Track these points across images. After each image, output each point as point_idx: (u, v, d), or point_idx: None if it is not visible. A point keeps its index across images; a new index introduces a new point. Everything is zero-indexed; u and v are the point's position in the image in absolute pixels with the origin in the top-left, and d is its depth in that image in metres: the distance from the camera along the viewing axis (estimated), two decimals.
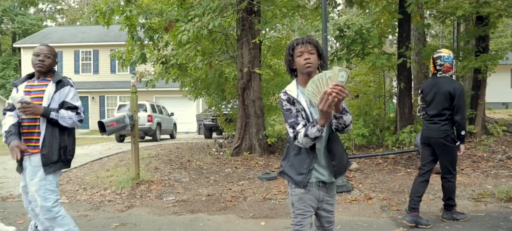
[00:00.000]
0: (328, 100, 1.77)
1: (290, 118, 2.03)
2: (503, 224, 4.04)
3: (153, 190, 5.76)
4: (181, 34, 6.56)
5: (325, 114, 1.84)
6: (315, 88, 1.81)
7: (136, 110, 5.98)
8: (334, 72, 1.78)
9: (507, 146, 8.24)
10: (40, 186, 2.84)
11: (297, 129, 1.99)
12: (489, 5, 6.77)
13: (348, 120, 1.97)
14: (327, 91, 1.76)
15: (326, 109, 1.79)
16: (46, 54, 2.94)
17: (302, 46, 2.04)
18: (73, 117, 2.93)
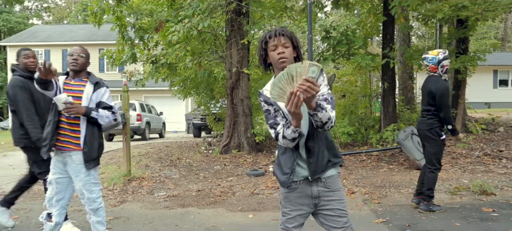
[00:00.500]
0: (294, 101, 1.65)
1: (270, 118, 1.97)
2: (475, 215, 4.32)
3: (144, 186, 5.94)
4: (171, 35, 6.73)
5: (295, 115, 1.73)
6: (279, 90, 1.69)
7: (128, 109, 6.14)
8: (305, 66, 1.65)
9: (485, 143, 8.60)
10: (85, 182, 3.05)
11: (277, 130, 1.92)
12: (467, 9, 7.10)
13: (324, 117, 1.81)
14: (293, 91, 1.64)
15: (294, 110, 1.67)
16: (79, 53, 3.09)
17: (275, 39, 1.92)
18: (109, 116, 3.12)
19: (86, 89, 3.07)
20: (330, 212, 2.02)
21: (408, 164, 7.24)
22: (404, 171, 6.88)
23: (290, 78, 1.66)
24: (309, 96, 1.66)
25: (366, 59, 8.50)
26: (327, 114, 1.81)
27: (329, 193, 2.02)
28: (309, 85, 1.63)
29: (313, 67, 1.65)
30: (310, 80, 1.63)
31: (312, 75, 1.64)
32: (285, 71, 1.68)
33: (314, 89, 1.64)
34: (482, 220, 4.13)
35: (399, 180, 6.11)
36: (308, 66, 1.65)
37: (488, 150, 7.98)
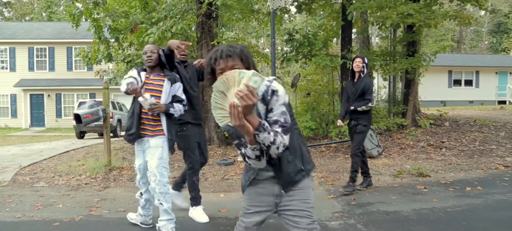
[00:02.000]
0: (234, 112, 1.52)
1: (233, 139, 1.80)
2: (409, 191, 5.21)
3: (125, 175, 6.49)
4: (147, 37, 7.29)
5: (243, 129, 1.57)
6: (220, 111, 1.58)
7: (108, 105, 6.67)
8: (247, 75, 1.54)
9: (431, 136, 9.67)
10: (159, 163, 3.43)
11: (243, 151, 1.77)
12: (412, 17, 8.07)
13: (266, 140, 1.63)
14: (231, 103, 1.51)
15: (238, 123, 1.53)
16: (151, 50, 3.50)
17: (222, 62, 1.73)
18: (181, 109, 3.60)
19: (164, 86, 3.48)
20: (292, 212, 1.88)
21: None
22: None
23: (226, 90, 1.55)
24: (247, 105, 1.51)
25: (326, 60, 9.36)
26: (269, 137, 1.62)
27: (292, 192, 1.89)
28: (246, 92, 1.50)
29: (256, 77, 1.53)
30: (249, 87, 1.50)
31: (253, 86, 1.52)
32: (215, 87, 1.56)
33: (251, 99, 1.50)
34: (414, 195, 5.02)
35: None
36: (251, 75, 1.53)
37: (432, 141, 9.03)
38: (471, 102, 25.54)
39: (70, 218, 4.22)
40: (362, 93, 5.04)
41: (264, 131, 1.62)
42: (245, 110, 1.53)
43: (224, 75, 1.57)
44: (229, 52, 1.74)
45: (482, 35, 46.89)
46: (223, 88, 1.56)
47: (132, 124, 3.46)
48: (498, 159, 7.42)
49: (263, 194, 1.94)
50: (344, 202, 4.71)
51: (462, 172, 6.50)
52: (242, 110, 1.52)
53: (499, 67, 27.36)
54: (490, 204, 4.51)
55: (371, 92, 5.05)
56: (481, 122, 11.61)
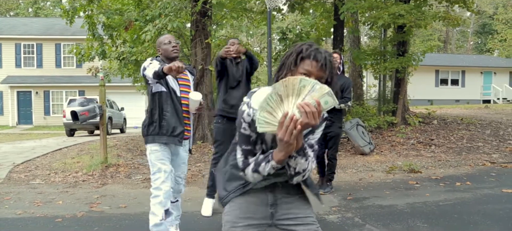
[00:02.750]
0: (289, 126, 1.29)
1: (245, 143, 1.52)
2: (402, 186, 5.39)
3: (121, 172, 6.54)
4: (144, 34, 7.33)
5: (286, 147, 1.34)
6: (267, 115, 1.34)
7: (105, 102, 6.69)
8: (319, 88, 1.31)
9: (420, 133, 9.90)
10: (186, 166, 3.35)
11: (250, 160, 1.51)
12: (403, 17, 8.27)
13: (301, 167, 1.46)
14: (290, 116, 1.29)
15: (288, 139, 1.30)
16: (176, 40, 3.21)
17: (314, 65, 1.46)
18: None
19: (190, 79, 3.25)
20: (293, 221, 1.64)
21: (353, 151, 8.30)
22: (350, 156, 7.93)
23: (284, 96, 1.33)
24: (308, 124, 1.30)
25: None
26: (304, 165, 1.46)
27: (289, 199, 1.67)
28: (314, 110, 1.28)
29: (329, 97, 1.30)
30: (320, 105, 1.29)
31: (323, 106, 1.31)
32: (275, 88, 1.33)
33: (315, 119, 1.29)
34: (406, 189, 5.19)
35: (345, 163, 7.12)
36: (326, 93, 1.31)
37: (422, 138, 9.25)
38: (457, 101, 26.04)
39: (72, 214, 4.27)
40: (341, 91, 4.83)
41: (304, 156, 1.45)
42: (303, 128, 1.31)
43: (291, 79, 1.32)
44: (329, 64, 1.46)
45: (468, 35, 47.77)
46: (282, 93, 1.33)
47: (176, 123, 3.05)
48: (485, 155, 7.66)
49: (256, 204, 1.63)
50: (340, 197, 4.85)
51: (451, 168, 6.71)
52: (300, 128, 1.30)
53: (484, 67, 27.95)
54: (479, 197, 4.70)
55: (350, 91, 4.91)
56: (468, 120, 11.91)
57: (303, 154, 1.44)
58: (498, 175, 6.00)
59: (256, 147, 1.52)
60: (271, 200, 1.64)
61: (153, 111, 3.06)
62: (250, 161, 1.51)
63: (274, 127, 1.33)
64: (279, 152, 1.38)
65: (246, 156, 1.52)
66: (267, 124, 1.34)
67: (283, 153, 1.37)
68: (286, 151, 1.35)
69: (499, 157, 7.55)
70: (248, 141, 1.51)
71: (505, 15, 40.61)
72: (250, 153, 1.52)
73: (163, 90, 3.03)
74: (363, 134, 8.13)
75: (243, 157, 1.53)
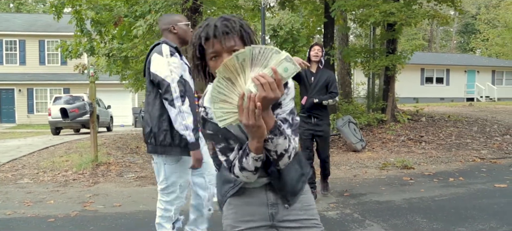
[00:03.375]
0: (249, 107, 1.12)
1: (218, 141, 1.36)
2: (397, 182, 5.42)
3: (113, 170, 6.42)
4: (136, 29, 7.20)
5: (255, 131, 1.17)
6: (223, 106, 1.16)
7: (95, 99, 6.56)
8: (277, 58, 1.12)
9: (410, 130, 10.00)
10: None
11: (230, 157, 1.36)
12: (394, 15, 8.32)
13: (281, 147, 1.26)
14: (248, 95, 1.11)
15: (252, 122, 1.13)
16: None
17: (216, 43, 1.26)
18: None
19: None
20: (295, 223, 1.49)
21: (345, 148, 8.33)
22: (342, 153, 7.96)
23: (233, 77, 1.14)
24: (269, 98, 1.11)
25: None
26: (284, 143, 1.26)
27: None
28: (271, 80, 1.10)
29: (288, 63, 1.12)
30: (277, 73, 1.11)
31: (282, 75, 1.12)
32: (220, 73, 1.14)
33: (275, 90, 1.11)
34: (401, 185, 5.22)
35: (339, 160, 7.14)
36: (283, 59, 1.12)
37: (412, 135, 9.35)
38: (442, 99, 26.45)
39: (65, 214, 4.16)
40: (326, 86, 4.40)
41: (281, 135, 1.23)
42: (265, 104, 1.12)
43: (227, 60, 1.13)
44: (226, 28, 1.25)
45: (452, 35, 48.58)
46: (230, 74, 1.14)
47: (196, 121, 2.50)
48: (474, 152, 7.78)
49: (254, 204, 1.47)
50: (337, 193, 4.85)
51: (442, 164, 6.79)
52: (260, 105, 1.11)
53: (467, 66, 28.46)
54: (473, 192, 4.75)
55: (336, 86, 4.50)
56: (455, 117, 12.09)
57: (279, 132, 1.23)
58: (488, 171, 6.09)
59: (230, 142, 1.35)
60: (271, 199, 1.46)
61: (162, 117, 2.48)
62: (231, 158, 1.35)
63: (235, 115, 1.16)
64: (251, 140, 1.22)
65: (225, 154, 1.36)
66: (227, 114, 1.16)
67: (256, 139, 1.20)
68: (257, 136, 1.18)
69: (488, 153, 7.67)
70: (218, 139, 1.36)
71: (487, 15, 41.40)
72: (227, 149, 1.36)
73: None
74: (355, 131, 8.17)
75: (223, 156, 1.37)
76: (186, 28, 2.63)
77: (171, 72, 2.39)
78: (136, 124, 20.56)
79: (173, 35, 2.60)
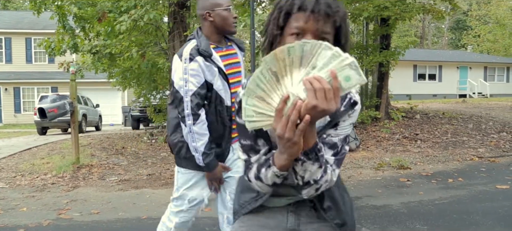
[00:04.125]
0: (293, 116, 0.89)
1: (244, 137, 1.14)
2: (393, 184, 5.15)
3: (95, 173, 6.08)
4: (119, 24, 6.86)
5: (290, 147, 0.94)
6: (259, 103, 0.94)
7: (76, 98, 6.21)
8: (338, 61, 0.88)
9: (404, 128, 9.77)
10: None
11: (252, 160, 1.13)
12: (389, 9, 8.07)
13: (312, 176, 1.03)
14: (294, 101, 0.89)
15: (289, 135, 0.90)
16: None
17: (309, 19, 1.01)
18: None
19: (239, 56, 2.24)
20: None
21: None
22: None
23: (280, 73, 0.91)
24: (322, 111, 0.88)
25: None
26: (317, 173, 1.03)
27: (316, 225, 1.23)
28: (328, 87, 0.87)
29: (352, 71, 0.88)
30: (336, 81, 0.87)
31: (342, 85, 0.89)
32: (266, 62, 0.91)
33: (330, 102, 0.87)
34: (399, 187, 4.96)
35: None
36: (347, 64, 0.88)
37: (407, 133, 9.12)
38: (434, 96, 26.38)
39: (37, 223, 3.83)
40: None
41: (316, 162, 1.00)
42: (313, 117, 0.89)
43: (282, 47, 0.90)
44: (329, 10, 1.01)
45: (443, 31, 48.69)
46: (277, 68, 0.91)
47: (220, 138, 2.14)
48: (471, 150, 7.56)
49: (271, 227, 1.24)
50: None
51: (439, 163, 6.55)
52: (308, 118, 0.88)
53: (460, 62, 28.42)
54: (475, 195, 4.50)
55: None
56: (449, 114, 11.90)
57: (315, 157, 0.99)
58: (488, 170, 5.86)
59: (258, 142, 1.13)
60: (292, 223, 1.23)
61: (178, 128, 2.13)
62: (252, 161, 1.13)
63: (269, 119, 0.93)
64: (280, 154, 0.99)
65: (247, 154, 1.14)
66: (259, 115, 0.94)
67: (286, 155, 0.97)
68: (289, 152, 0.95)
69: (486, 151, 7.46)
70: (246, 133, 1.12)
71: (479, 11, 41.50)
72: (251, 149, 1.13)
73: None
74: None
75: (244, 154, 1.15)
76: (226, 15, 2.08)
77: (186, 82, 1.99)
78: (125, 123, 20.16)
79: (209, 23, 2.09)
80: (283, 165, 1.00)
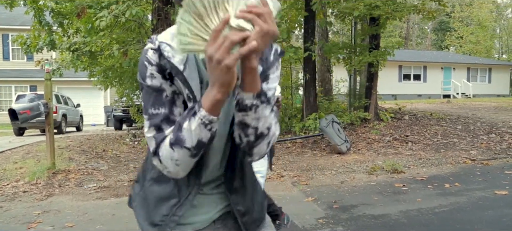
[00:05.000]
0: (233, 37, 0.74)
1: (157, 104, 0.91)
2: (389, 190, 4.92)
3: (72, 179, 5.68)
4: (99, 20, 6.46)
5: (224, 73, 0.76)
6: (193, 25, 0.77)
7: (51, 98, 5.80)
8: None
9: (394, 129, 9.61)
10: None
11: (166, 132, 0.89)
12: (380, 8, 7.86)
13: (265, 122, 0.89)
14: (226, 18, 0.74)
15: (222, 56, 0.74)
16: None
17: None
18: None
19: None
20: None
21: (329, 149, 7.83)
22: (326, 155, 7.45)
23: (205, 13, 0.77)
24: (266, 33, 0.74)
25: (289, 51, 8.96)
26: (270, 117, 0.91)
27: None
28: (267, 11, 0.75)
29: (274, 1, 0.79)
30: (264, 9, 0.75)
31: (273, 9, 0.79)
32: (189, 6, 0.76)
33: (270, 25, 0.75)
34: (395, 194, 4.72)
35: (323, 164, 6.62)
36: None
37: (397, 135, 8.94)
38: (419, 96, 26.52)
39: None
40: None
41: (268, 104, 0.88)
42: (263, 43, 0.75)
43: None
44: None
45: (427, 32, 49.24)
46: (201, 9, 0.76)
47: None
48: (463, 152, 7.41)
49: None
50: (325, 205, 4.30)
51: (433, 166, 6.36)
52: (254, 44, 0.73)
53: (444, 63, 28.66)
54: (475, 202, 4.30)
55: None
56: (437, 115, 11.82)
57: (266, 99, 0.87)
58: (483, 174, 5.69)
59: (174, 109, 0.91)
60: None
61: None
62: (166, 133, 0.89)
63: (203, 43, 0.78)
64: (210, 90, 0.81)
65: (159, 128, 0.90)
66: (195, 36, 0.78)
67: (216, 87, 0.79)
68: (222, 80, 0.77)
69: (477, 153, 7.32)
70: (160, 98, 0.91)
71: (461, 13, 42.07)
72: (166, 120, 0.90)
73: None
74: (339, 131, 7.67)
75: (154, 130, 0.90)
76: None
77: None
78: (108, 123, 19.58)
79: None
80: (214, 103, 0.81)
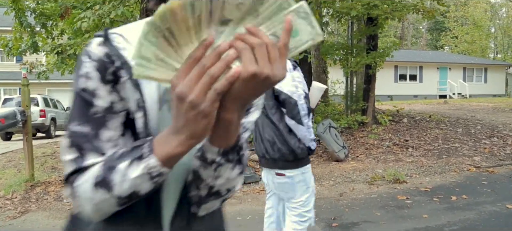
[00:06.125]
0: (211, 70, 0.53)
1: (83, 119, 0.67)
2: (392, 203, 4.58)
3: (51, 192, 5.29)
4: (80, 21, 6.08)
5: (194, 119, 0.55)
6: (157, 46, 0.54)
7: (29, 105, 5.40)
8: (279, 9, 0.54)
9: (393, 133, 9.29)
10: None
11: (88, 162, 0.65)
12: (378, 8, 7.53)
13: (232, 182, 0.73)
14: (208, 40, 0.53)
15: (199, 99, 0.53)
16: None
17: None
18: None
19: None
20: None
21: (326, 156, 7.48)
22: (323, 163, 7.10)
23: (178, 31, 0.54)
24: (263, 77, 0.53)
25: None
26: (238, 179, 0.74)
27: None
28: (271, 43, 0.54)
29: (303, 22, 0.56)
30: (289, 30, 0.54)
31: (294, 40, 0.57)
32: (153, 24, 0.52)
33: (276, 62, 0.54)
34: (398, 208, 4.38)
35: (320, 173, 6.27)
36: (292, 9, 0.54)
37: (396, 139, 8.62)
38: (415, 97, 26.32)
39: None
40: None
41: (238, 165, 0.70)
42: (252, 89, 0.55)
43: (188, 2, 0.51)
44: None
45: (422, 32, 49.18)
46: (173, 27, 0.52)
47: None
48: (466, 158, 7.10)
49: None
50: (323, 223, 3.95)
51: (436, 175, 6.04)
52: (236, 74, 0.53)
53: (440, 63, 28.49)
54: (487, 218, 3.97)
55: None
56: (436, 117, 11.54)
57: (237, 158, 0.68)
58: (490, 184, 5.37)
59: (102, 134, 0.67)
60: None
61: (292, 133, 2.29)
62: (88, 162, 0.65)
63: (169, 73, 0.55)
64: (172, 134, 0.59)
65: (80, 148, 0.66)
66: (160, 61, 0.55)
67: (184, 135, 0.57)
68: (192, 130, 0.56)
69: (481, 159, 7.01)
70: (86, 112, 0.67)
71: (456, 13, 42.03)
72: (89, 141, 0.66)
73: None
74: (336, 137, 7.32)
75: (76, 152, 0.65)
76: None
77: (296, 88, 2.19)
78: None
79: None
80: (172, 156, 0.60)
